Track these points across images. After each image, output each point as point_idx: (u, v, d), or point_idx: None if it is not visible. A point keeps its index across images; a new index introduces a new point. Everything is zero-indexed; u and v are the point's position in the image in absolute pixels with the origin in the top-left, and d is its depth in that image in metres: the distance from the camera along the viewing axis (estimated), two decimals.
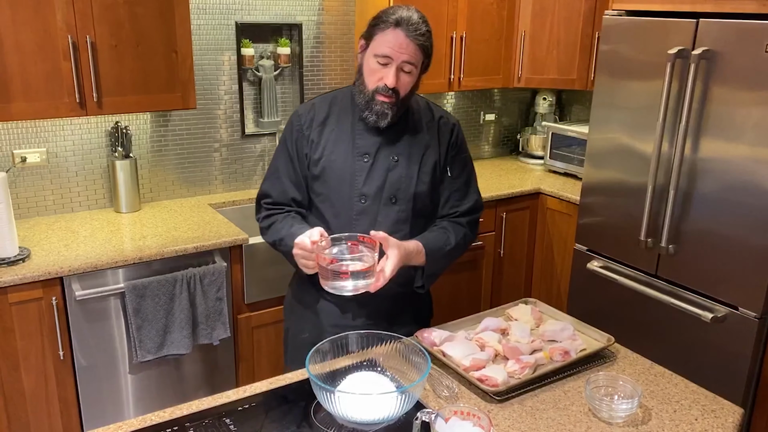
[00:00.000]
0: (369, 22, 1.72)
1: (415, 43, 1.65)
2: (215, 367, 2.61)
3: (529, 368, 1.54)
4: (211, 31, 2.91)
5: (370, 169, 1.74)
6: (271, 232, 1.79)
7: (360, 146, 1.75)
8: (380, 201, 1.75)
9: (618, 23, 2.66)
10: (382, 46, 1.65)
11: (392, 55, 1.65)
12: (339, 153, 1.75)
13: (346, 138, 1.76)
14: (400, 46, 1.64)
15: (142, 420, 1.39)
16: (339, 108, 1.80)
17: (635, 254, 2.71)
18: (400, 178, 1.75)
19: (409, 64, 1.67)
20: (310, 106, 1.82)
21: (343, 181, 1.74)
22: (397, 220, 1.77)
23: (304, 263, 1.62)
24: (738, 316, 2.37)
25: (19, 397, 2.24)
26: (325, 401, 1.34)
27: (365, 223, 1.74)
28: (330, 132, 1.78)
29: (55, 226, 2.61)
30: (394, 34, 1.64)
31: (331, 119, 1.79)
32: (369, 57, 1.69)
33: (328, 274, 1.53)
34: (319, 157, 1.76)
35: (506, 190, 3.27)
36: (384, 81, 1.66)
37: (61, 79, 2.32)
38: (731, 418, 1.43)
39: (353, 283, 1.53)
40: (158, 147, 2.91)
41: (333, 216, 1.77)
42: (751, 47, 2.22)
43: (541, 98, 3.88)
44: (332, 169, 1.75)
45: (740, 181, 2.31)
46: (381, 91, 1.67)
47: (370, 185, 1.74)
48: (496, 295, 3.43)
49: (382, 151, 1.75)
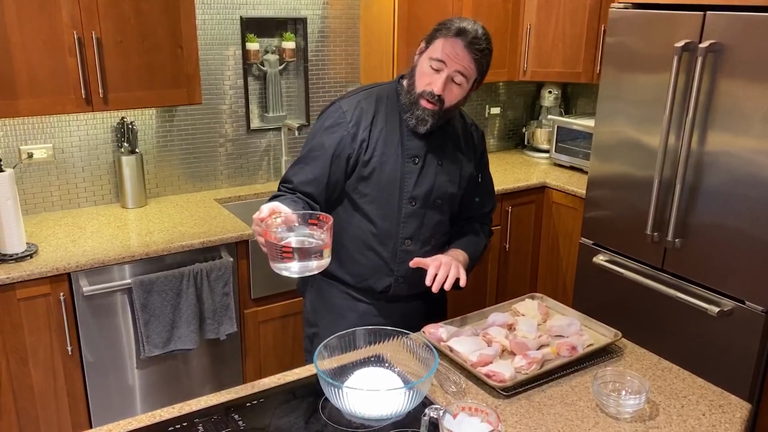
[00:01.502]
0: (434, 27, 1.71)
1: (471, 56, 1.65)
2: (222, 362, 2.62)
3: (537, 364, 1.54)
4: (215, 26, 2.90)
5: (420, 172, 1.75)
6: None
7: (410, 148, 1.75)
8: (428, 204, 1.78)
9: (624, 16, 2.64)
10: (438, 51, 1.65)
11: (446, 61, 1.65)
12: (389, 154, 1.73)
13: (394, 139, 1.74)
14: (456, 55, 1.64)
15: (151, 416, 1.40)
16: (385, 106, 1.77)
17: (641, 248, 2.70)
18: (446, 183, 1.79)
19: (461, 75, 1.67)
20: (355, 103, 1.76)
21: (393, 183, 1.74)
22: (440, 222, 1.82)
23: (259, 240, 1.45)
24: (745, 310, 2.37)
25: (28, 392, 2.26)
26: (333, 397, 1.35)
27: (413, 226, 1.77)
28: (379, 132, 1.74)
29: (62, 222, 2.62)
30: (453, 42, 1.64)
31: (379, 118, 1.75)
32: (424, 60, 1.69)
33: (276, 254, 1.38)
34: (369, 158, 1.73)
35: (512, 184, 3.27)
36: (432, 87, 1.66)
37: (66, 75, 2.32)
38: (739, 413, 1.43)
39: (301, 264, 1.38)
40: (164, 142, 2.92)
41: (380, 218, 1.76)
42: (758, 40, 2.21)
43: (547, 91, 3.87)
44: (383, 170, 1.73)
45: (747, 175, 2.30)
46: (426, 96, 1.67)
47: (419, 188, 1.76)
48: (502, 289, 3.43)
49: (430, 154, 1.77)
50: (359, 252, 1.80)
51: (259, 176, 3.19)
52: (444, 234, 1.88)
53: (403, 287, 1.84)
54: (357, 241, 1.80)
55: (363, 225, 1.78)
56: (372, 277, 1.82)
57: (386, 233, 1.77)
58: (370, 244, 1.79)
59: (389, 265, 1.80)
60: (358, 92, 1.80)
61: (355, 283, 1.84)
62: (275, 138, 3.18)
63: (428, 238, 1.82)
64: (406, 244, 1.79)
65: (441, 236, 1.86)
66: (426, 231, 1.80)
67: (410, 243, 1.79)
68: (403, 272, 1.80)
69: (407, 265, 1.77)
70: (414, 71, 1.72)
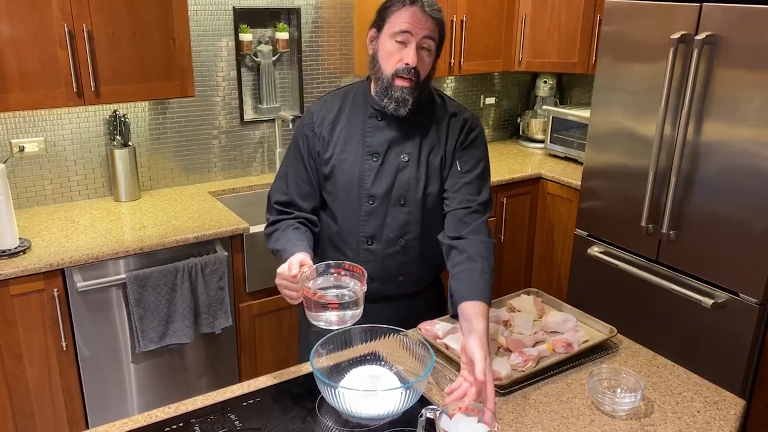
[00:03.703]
0: (378, 10, 1.65)
1: (432, 18, 1.60)
2: (218, 356, 2.62)
3: (532, 361, 1.54)
4: (208, 17, 2.87)
5: (379, 169, 1.70)
6: (271, 240, 1.74)
7: (370, 145, 1.70)
8: (389, 202, 1.71)
9: (620, 6, 2.62)
10: (400, 23, 1.59)
11: (412, 30, 1.59)
12: (349, 152, 1.70)
13: (356, 136, 1.71)
14: (419, 21, 1.59)
15: (147, 416, 1.39)
16: (351, 103, 1.74)
17: (636, 240, 2.71)
18: (409, 180, 1.70)
19: (429, 39, 1.61)
20: (322, 103, 1.77)
21: (352, 181, 1.70)
22: (406, 222, 1.72)
23: (287, 293, 1.50)
24: (738, 303, 2.38)
25: (23, 388, 2.25)
26: (330, 397, 1.35)
27: (373, 225, 1.72)
28: (341, 130, 1.72)
29: (55, 216, 2.60)
30: (411, 10, 1.59)
31: (342, 116, 1.73)
32: (385, 40, 1.63)
33: (312, 305, 1.44)
34: (330, 156, 1.71)
35: (507, 175, 3.26)
36: (405, 60, 1.60)
37: (57, 68, 2.30)
38: (733, 410, 1.44)
39: (339, 314, 1.44)
40: (157, 135, 2.89)
41: (342, 217, 1.74)
42: (755, 32, 2.20)
43: (542, 81, 3.85)
44: (341, 169, 1.71)
45: (742, 166, 2.30)
46: (401, 73, 1.60)
47: (378, 186, 1.70)
48: (497, 280, 3.36)
49: (392, 150, 1.70)
50: (331, 251, 1.78)
51: (253, 168, 3.17)
52: (418, 235, 1.74)
53: (375, 288, 1.70)
54: (327, 240, 1.78)
55: (330, 224, 1.75)
56: None
57: (348, 232, 1.73)
58: (336, 244, 1.77)
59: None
60: (330, 93, 1.81)
61: None
62: (269, 130, 3.16)
63: (393, 238, 1.73)
64: (368, 244, 1.73)
65: (412, 238, 1.73)
66: (390, 231, 1.71)
67: (372, 242, 1.73)
68: (369, 273, 1.62)
69: (372, 265, 1.72)
70: (376, 58, 1.66)
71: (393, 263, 1.76)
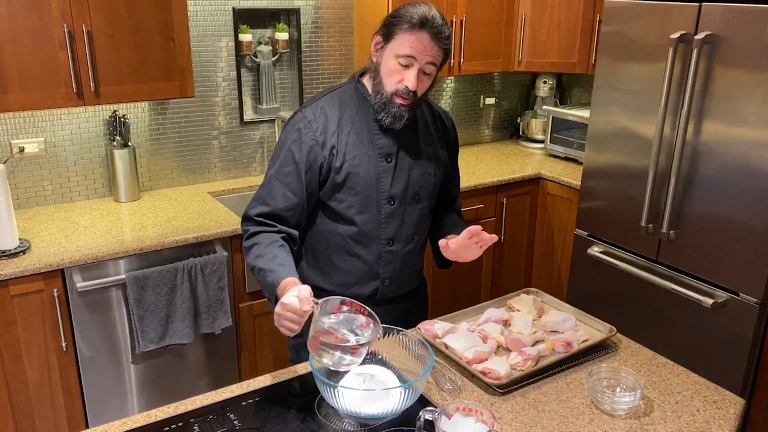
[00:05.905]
0: (386, 19, 1.64)
1: (439, 45, 1.60)
2: (217, 356, 2.62)
3: (532, 360, 1.54)
4: (208, 17, 2.87)
5: (395, 170, 1.71)
6: (250, 255, 1.63)
7: (381, 147, 1.70)
8: (405, 201, 1.74)
9: (620, 6, 2.62)
10: (406, 47, 1.59)
11: (417, 56, 1.59)
12: (361, 157, 1.68)
13: (365, 140, 1.69)
14: (425, 49, 1.59)
15: (146, 416, 1.39)
16: (350, 109, 1.71)
17: (636, 239, 2.71)
18: (421, 176, 1.76)
19: (431, 65, 1.63)
20: (318, 110, 1.69)
21: (370, 185, 1.69)
22: (420, 218, 1.79)
23: (287, 326, 1.44)
24: (738, 302, 2.38)
25: (23, 389, 2.26)
26: (329, 396, 1.35)
27: (394, 226, 1.74)
28: (347, 135, 1.68)
29: (55, 217, 2.60)
30: (419, 35, 1.57)
31: (345, 122, 1.69)
32: (389, 57, 1.62)
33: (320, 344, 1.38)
34: (341, 164, 1.67)
35: (507, 175, 3.26)
36: (405, 83, 1.61)
37: (57, 69, 2.30)
38: (732, 409, 1.44)
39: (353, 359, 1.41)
40: (156, 135, 2.90)
41: (361, 222, 1.71)
42: (754, 31, 2.20)
43: (542, 82, 3.85)
44: (357, 174, 1.68)
45: (742, 166, 2.30)
46: (401, 94, 1.62)
47: (396, 187, 1.72)
48: (497, 281, 3.43)
49: (401, 150, 1.73)
50: (342, 260, 1.76)
51: (253, 168, 3.17)
52: (425, 231, 1.84)
53: (391, 289, 1.80)
54: (338, 249, 1.75)
55: (343, 231, 1.73)
56: (358, 283, 1.77)
57: (368, 236, 1.73)
58: (352, 250, 1.74)
59: (374, 268, 1.76)
60: (319, 98, 1.73)
61: (341, 292, 1.76)
62: (269, 130, 3.16)
63: (410, 236, 1.78)
64: (390, 245, 1.75)
65: (423, 234, 1.83)
66: (407, 229, 1.76)
67: (393, 243, 1.75)
68: (389, 274, 1.77)
69: (392, 267, 1.76)
70: (378, 70, 1.65)
71: (408, 261, 1.81)
